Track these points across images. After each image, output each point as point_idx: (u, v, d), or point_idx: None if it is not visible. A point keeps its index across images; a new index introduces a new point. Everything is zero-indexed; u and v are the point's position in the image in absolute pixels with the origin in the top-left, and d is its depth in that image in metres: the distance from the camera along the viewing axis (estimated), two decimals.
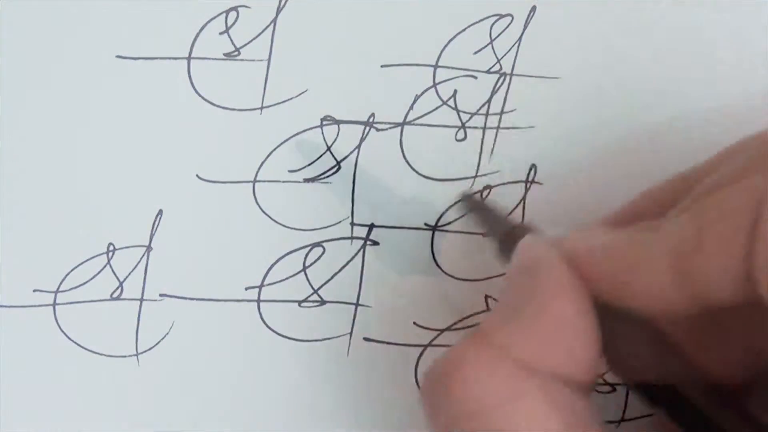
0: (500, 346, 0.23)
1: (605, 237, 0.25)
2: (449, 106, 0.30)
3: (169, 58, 0.29)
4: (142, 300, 0.30)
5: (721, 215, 0.24)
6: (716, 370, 0.27)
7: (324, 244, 0.30)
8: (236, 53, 0.29)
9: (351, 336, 0.30)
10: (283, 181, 0.30)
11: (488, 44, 0.30)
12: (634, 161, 0.30)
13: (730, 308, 0.25)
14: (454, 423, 0.23)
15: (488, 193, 0.30)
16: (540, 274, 0.24)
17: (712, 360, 0.27)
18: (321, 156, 0.30)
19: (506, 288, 0.25)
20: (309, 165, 0.30)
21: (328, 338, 0.30)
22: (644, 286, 0.24)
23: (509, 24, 0.29)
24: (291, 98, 0.29)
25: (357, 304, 0.30)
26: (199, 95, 0.29)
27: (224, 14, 0.28)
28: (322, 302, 0.30)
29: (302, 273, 0.30)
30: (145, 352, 0.30)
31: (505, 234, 0.27)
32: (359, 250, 0.30)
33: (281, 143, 0.29)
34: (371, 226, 0.30)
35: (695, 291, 0.24)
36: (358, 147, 0.30)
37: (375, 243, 0.30)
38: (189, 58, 0.29)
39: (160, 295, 0.30)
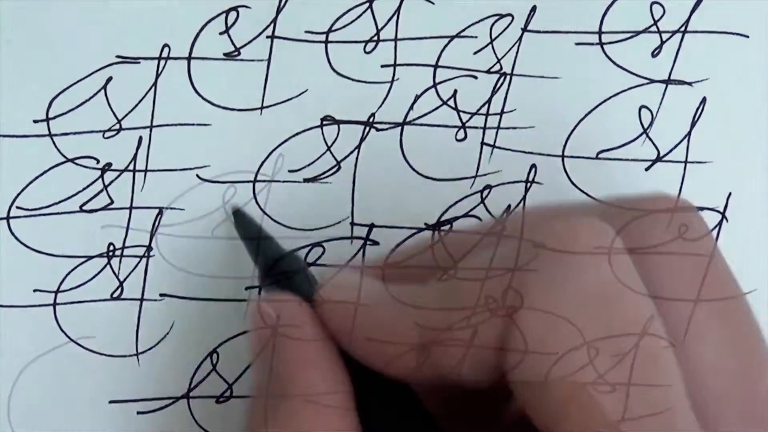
0: None
1: (364, 294, 0.25)
2: (449, 106, 0.30)
3: (170, 58, 0.29)
4: (142, 300, 0.30)
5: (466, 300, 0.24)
6: None
7: (324, 244, 0.30)
8: (236, 53, 0.29)
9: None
10: (283, 181, 0.30)
11: (488, 44, 0.30)
12: (634, 161, 0.30)
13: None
14: None
15: (488, 193, 0.30)
16: (286, 351, 0.25)
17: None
18: (321, 156, 0.30)
19: (257, 365, 0.25)
20: (309, 165, 0.30)
21: None
22: (391, 354, 0.24)
23: (509, 24, 0.29)
24: (291, 98, 0.29)
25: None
26: (199, 95, 0.29)
27: (224, 14, 0.28)
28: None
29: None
30: (145, 352, 0.30)
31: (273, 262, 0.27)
32: (359, 250, 0.30)
33: (281, 143, 0.29)
34: (371, 226, 0.30)
35: (439, 372, 0.24)
36: (358, 147, 0.30)
37: (375, 243, 0.30)
38: (189, 58, 0.29)
39: (160, 295, 0.30)
